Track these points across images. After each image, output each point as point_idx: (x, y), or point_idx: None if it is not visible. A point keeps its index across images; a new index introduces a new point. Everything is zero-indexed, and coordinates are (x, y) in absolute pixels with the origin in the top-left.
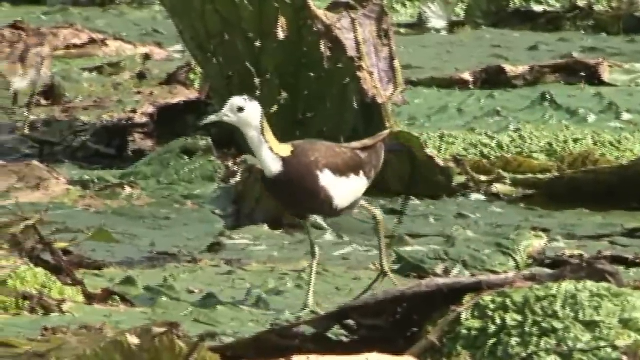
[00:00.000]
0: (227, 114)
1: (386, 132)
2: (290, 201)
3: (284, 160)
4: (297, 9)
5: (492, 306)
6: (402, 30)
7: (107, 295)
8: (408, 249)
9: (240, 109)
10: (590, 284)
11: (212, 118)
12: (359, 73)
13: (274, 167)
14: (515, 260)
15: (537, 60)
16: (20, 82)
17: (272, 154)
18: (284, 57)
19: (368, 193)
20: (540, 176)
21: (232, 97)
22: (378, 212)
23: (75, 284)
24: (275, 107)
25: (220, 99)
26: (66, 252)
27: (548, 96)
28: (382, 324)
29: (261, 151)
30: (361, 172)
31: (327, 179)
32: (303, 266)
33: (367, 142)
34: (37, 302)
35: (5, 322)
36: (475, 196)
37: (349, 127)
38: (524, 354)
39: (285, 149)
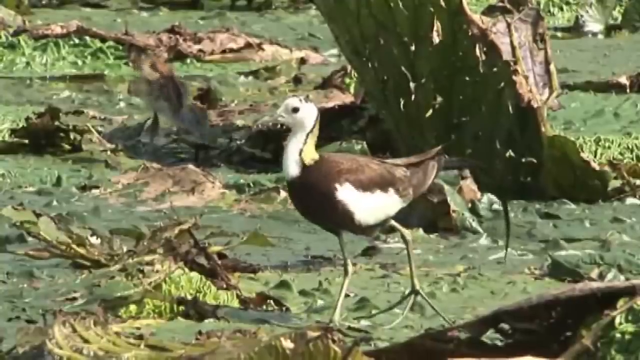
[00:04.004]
0: (281, 114)
1: (437, 149)
2: (305, 209)
3: (305, 166)
4: (453, 13)
5: None
6: (559, 34)
7: (262, 300)
8: (563, 253)
9: (295, 110)
10: None
11: (266, 119)
12: (514, 77)
13: (292, 170)
14: None
15: None
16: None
17: (297, 157)
18: (439, 61)
19: (523, 196)
20: None
21: (293, 99)
22: (407, 232)
23: (230, 289)
24: (430, 111)
25: (376, 103)
26: (221, 256)
27: None
28: (536, 328)
29: (289, 151)
30: (391, 190)
31: (346, 193)
32: (458, 270)
33: (412, 159)
34: (192, 307)
35: (159, 326)
36: (630, 200)
37: (504, 132)
38: None
39: (313, 157)
